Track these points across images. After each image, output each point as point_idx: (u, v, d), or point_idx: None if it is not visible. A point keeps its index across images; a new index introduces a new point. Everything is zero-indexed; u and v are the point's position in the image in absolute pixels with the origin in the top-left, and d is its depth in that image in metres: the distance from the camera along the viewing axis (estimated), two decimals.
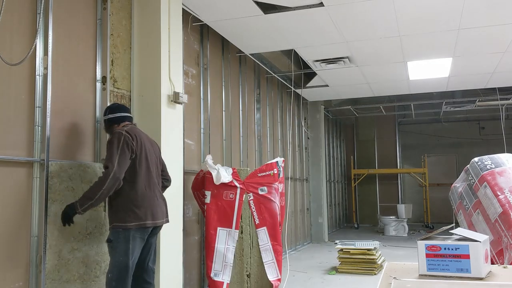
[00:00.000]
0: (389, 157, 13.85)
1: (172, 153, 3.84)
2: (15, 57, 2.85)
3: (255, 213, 4.82)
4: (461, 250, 1.95)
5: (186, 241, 4.74)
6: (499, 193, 4.59)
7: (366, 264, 6.29)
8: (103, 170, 2.97)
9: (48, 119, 3.02)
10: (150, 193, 3.14)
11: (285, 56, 7.17)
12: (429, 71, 7.60)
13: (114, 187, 2.94)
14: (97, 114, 3.56)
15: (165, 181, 3.50)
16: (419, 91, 9.24)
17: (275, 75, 7.75)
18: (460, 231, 2.10)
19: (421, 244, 2.02)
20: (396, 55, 6.68)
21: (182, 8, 4.23)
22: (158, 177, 3.32)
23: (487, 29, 5.65)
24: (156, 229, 3.24)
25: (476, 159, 5.17)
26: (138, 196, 3.06)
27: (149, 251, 3.23)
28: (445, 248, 1.97)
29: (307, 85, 8.48)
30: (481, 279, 1.91)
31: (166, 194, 3.70)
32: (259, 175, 4.87)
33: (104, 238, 3.45)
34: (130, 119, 3.33)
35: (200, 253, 5.13)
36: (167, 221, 3.33)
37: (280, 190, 4.99)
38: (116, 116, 3.27)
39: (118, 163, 2.94)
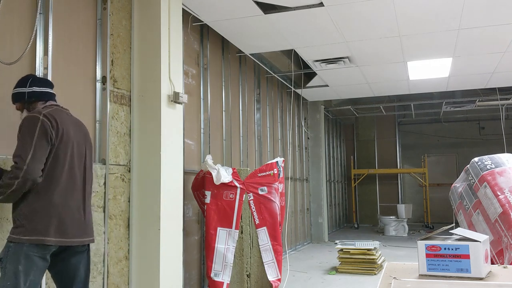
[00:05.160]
0: (389, 157, 13.85)
1: (172, 153, 3.84)
2: (15, 57, 2.85)
3: (255, 213, 4.82)
4: (461, 250, 1.95)
5: (186, 241, 4.74)
6: (499, 193, 4.59)
7: (366, 264, 6.29)
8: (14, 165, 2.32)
9: None
10: (66, 201, 2.42)
11: (285, 56, 7.17)
12: (429, 71, 7.60)
13: (24, 190, 2.31)
14: (97, 114, 3.56)
15: None
16: (419, 91, 9.24)
17: (275, 75, 7.75)
18: (460, 231, 2.10)
19: (421, 244, 2.02)
20: (396, 55, 6.68)
21: (182, 8, 4.23)
22: (88, 179, 2.60)
23: (487, 29, 5.65)
24: (75, 248, 2.50)
25: (476, 159, 5.17)
26: (48, 204, 2.35)
27: (72, 276, 2.53)
28: (445, 248, 1.97)
29: (307, 85, 8.48)
30: (481, 279, 1.91)
31: (167, 194, 3.71)
32: (259, 175, 4.87)
33: (101, 239, 3.45)
34: (55, 98, 2.66)
35: (200, 253, 5.13)
36: (91, 241, 2.59)
37: (280, 190, 4.99)
38: (43, 91, 2.57)
39: (32, 157, 2.29)
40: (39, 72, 3.04)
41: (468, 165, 5.32)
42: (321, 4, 4.81)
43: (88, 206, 2.57)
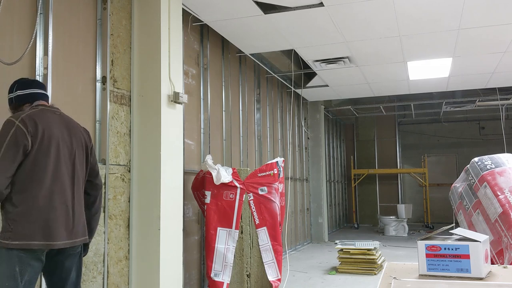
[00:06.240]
0: (389, 157, 13.85)
1: (172, 153, 3.84)
2: (15, 57, 2.85)
3: (255, 213, 4.82)
4: (461, 250, 1.95)
5: (186, 241, 4.74)
6: (499, 193, 4.59)
7: (366, 264, 6.29)
8: None
9: None
10: (52, 204, 2.36)
11: (285, 56, 7.17)
12: (429, 71, 7.60)
13: None
14: (97, 114, 3.56)
15: (90, 187, 2.68)
16: (419, 91, 9.24)
17: (275, 75, 7.76)
18: (460, 231, 2.10)
19: (421, 244, 2.02)
20: (396, 55, 6.68)
21: (182, 8, 4.23)
22: (77, 178, 2.53)
23: (487, 29, 5.65)
24: (68, 250, 2.46)
25: (476, 159, 5.18)
26: (32, 208, 2.31)
27: (64, 278, 2.50)
28: (445, 248, 1.97)
29: (307, 85, 8.48)
30: (481, 279, 1.91)
31: (167, 194, 3.71)
32: (259, 175, 4.87)
33: (101, 239, 3.45)
34: (46, 97, 2.63)
35: (200, 253, 5.13)
36: (83, 241, 2.53)
37: (280, 190, 4.99)
38: (27, 93, 2.54)
39: None
40: (39, 72, 3.04)
41: (468, 165, 5.32)
42: (321, 4, 4.81)
43: (78, 206, 2.49)
